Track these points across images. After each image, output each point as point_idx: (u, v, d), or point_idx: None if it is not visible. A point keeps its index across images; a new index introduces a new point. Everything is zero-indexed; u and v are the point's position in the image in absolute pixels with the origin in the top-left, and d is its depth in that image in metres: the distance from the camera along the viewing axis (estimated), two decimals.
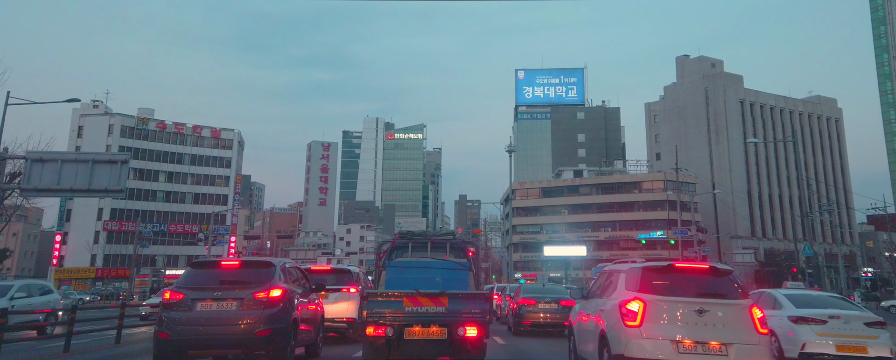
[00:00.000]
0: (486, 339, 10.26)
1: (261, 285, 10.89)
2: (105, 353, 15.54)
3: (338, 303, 16.43)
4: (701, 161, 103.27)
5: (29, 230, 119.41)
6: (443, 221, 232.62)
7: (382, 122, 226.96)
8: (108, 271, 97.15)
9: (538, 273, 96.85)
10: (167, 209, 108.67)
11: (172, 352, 10.53)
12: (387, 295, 10.14)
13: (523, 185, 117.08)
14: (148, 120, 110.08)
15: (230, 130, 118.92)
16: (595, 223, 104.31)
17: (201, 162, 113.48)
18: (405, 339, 9.90)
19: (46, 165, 25.24)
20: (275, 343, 10.63)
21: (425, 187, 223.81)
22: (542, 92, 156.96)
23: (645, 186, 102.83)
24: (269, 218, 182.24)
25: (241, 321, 10.47)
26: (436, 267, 10.98)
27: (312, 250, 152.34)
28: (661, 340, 8.62)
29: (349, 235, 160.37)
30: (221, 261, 12.09)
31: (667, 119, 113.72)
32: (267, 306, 10.66)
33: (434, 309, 9.94)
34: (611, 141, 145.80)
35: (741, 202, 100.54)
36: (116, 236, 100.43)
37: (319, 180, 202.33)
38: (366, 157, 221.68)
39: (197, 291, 10.76)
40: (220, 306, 10.58)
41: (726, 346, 8.53)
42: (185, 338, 10.34)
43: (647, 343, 8.64)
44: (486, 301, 10.24)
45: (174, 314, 10.52)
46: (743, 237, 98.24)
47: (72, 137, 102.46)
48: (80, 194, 27.46)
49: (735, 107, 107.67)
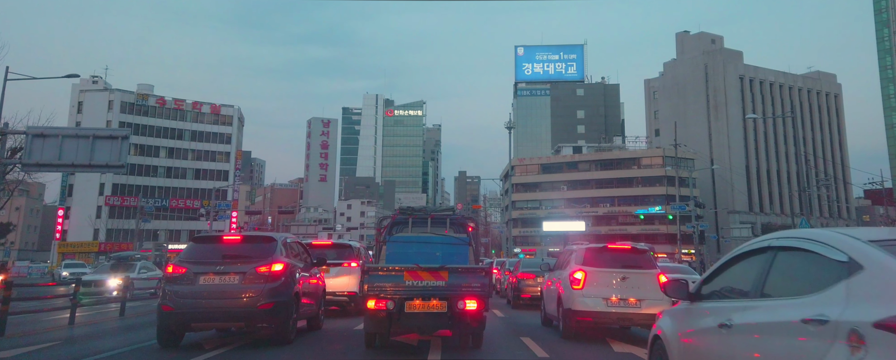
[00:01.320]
0: (486, 312, 10.41)
1: (263, 259, 11.09)
2: (110, 325, 15.79)
3: (339, 277, 16.79)
4: (700, 137, 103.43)
5: (31, 205, 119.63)
6: (443, 197, 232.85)
7: (382, 98, 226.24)
8: (110, 246, 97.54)
9: (537, 248, 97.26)
10: (168, 185, 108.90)
11: (176, 324, 10.81)
12: (387, 269, 10.21)
13: (523, 161, 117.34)
14: (147, 96, 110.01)
15: (230, 106, 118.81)
16: (594, 199, 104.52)
17: (201, 138, 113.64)
18: (406, 312, 9.96)
19: (47, 141, 25.14)
20: (277, 316, 10.86)
21: (425, 164, 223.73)
22: (541, 69, 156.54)
23: (644, 162, 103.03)
24: (270, 194, 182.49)
25: (244, 294, 10.69)
26: (436, 242, 10.97)
27: (313, 226, 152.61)
28: (597, 297, 12.50)
29: (350, 210, 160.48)
30: (223, 236, 12.25)
31: (666, 96, 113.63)
32: (269, 280, 10.87)
33: (434, 283, 10.04)
34: (610, 117, 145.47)
35: (739, 178, 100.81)
36: (118, 211, 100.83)
37: (320, 157, 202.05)
38: (366, 133, 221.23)
39: (199, 265, 10.96)
40: (222, 279, 10.79)
41: (640, 301, 12.41)
42: (189, 311, 10.57)
43: (588, 300, 12.53)
44: (485, 275, 10.35)
45: (177, 288, 10.74)
46: (740, 212, 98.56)
47: (72, 113, 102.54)
48: (82, 169, 27.57)
49: (734, 83, 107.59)
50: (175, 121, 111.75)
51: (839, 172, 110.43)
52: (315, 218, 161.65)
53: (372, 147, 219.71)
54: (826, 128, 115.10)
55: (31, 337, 12.91)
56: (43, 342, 11.92)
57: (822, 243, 4.28)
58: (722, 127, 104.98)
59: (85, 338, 12.94)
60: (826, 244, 4.23)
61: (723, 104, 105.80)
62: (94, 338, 12.93)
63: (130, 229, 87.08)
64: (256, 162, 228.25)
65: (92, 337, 13.07)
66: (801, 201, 76.57)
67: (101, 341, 12.39)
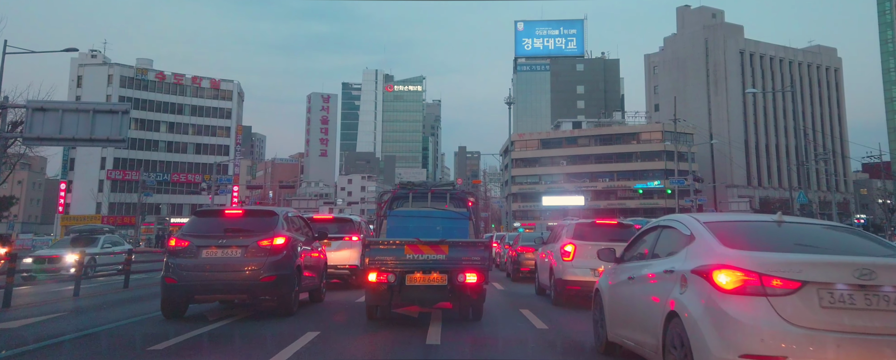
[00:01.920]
0: (486, 285, 10.55)
1: (264, 233, 11.22)
2: (114, 297, 15.90)
3: (340, 251, 16.95)
4: (699, 112, 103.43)
5: (33, 178, 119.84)
6: (443, 172, 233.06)
7: (382, 74, 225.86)
8: (113, 219, 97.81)
9: (537, 222, 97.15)
10: (169, 159, 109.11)
11: (179, 296, 11.03)
12: (388, 243, 10.31)
13: (522, 136, 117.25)
14: (147, 70, 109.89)
15: (229, 81, 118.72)
16: (593, 174, 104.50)
17: (202, 113, 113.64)
18: (407, 285, 10.12)
19: (48, 115, 25.38)
20: (279, 289, 11.06)
21: (425, 139, 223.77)
22: (541, 44, 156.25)
23: (643, 136, 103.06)
24: (270, 169, 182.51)
25: (246, 267, 10.86)
26: (436, 216, 11.13)
27: (314, 200, 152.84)
28: (585, 268, 13.33)
29: (350, 185, 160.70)
30: (225, 210, 12.29)
31: (666, 70, 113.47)
32: (271, 253, 11.02)
33: (434, 257, 10.15)
34: (610, 93, 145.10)
35: (738, 152, 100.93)
36: (120, 185, 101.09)
37: (320, 132, 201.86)
38: (365, 108, 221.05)
39: (202, 238, 11.10)
40: (224, 253, 10.96)
41: None
42: (192, 283, 10.78)
43: (577, 270, 13.48)
44: (485, 249, 10.43)
45: (180, 261, 10.88)
46: (739, 186, 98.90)
47: (72, 87, 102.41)
48: (83, 143, 27.77)
49: (735, 57, 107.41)
50: (175, 96, 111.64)
51: (838, 146, 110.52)
52: (316, 193, 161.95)
53: (372, 122, 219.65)
54: (825, 102, 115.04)
55: (34, 309, 13.13)
56: (48, 314, 12.13)
57: (682, 224, 6.57)
58: (721, 101, 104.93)
59: (90, 309, 13.13)
60: (683, 224, 6.53)
61: (723, 79, 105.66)
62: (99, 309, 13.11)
63: (133, 203, 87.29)
64: (257, 137, 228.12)
65: (97, 308, 13.26)
66: (798, 175, 76.75)
67: (107, 312, 12.58)
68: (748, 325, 4.95)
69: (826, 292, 4.94)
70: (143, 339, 9.06)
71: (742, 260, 5.29)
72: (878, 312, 4.88)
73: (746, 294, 5.09)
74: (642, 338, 6.57)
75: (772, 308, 4.95)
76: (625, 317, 7.21)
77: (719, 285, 5.24)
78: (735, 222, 6.61)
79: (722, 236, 5.83)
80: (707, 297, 5.31)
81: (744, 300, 5.08)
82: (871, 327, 4.83)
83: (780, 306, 4.94)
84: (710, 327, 5.18)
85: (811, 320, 4.86)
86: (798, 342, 4.82)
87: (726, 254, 5.46)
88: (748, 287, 5.10)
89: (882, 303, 4.90)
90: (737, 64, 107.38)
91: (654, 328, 6.14)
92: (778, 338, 4.85)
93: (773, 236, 5.95)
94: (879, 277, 4.95)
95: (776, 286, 5.02)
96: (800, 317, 4.88)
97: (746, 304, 5.05)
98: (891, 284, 4.93)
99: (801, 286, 4.97)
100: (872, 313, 4.88)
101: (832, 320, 4.86)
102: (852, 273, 4.97)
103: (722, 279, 5.25)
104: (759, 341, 4.86)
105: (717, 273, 5.30)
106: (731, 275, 5.22)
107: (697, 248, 5.91)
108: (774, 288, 5.01)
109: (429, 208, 11.43)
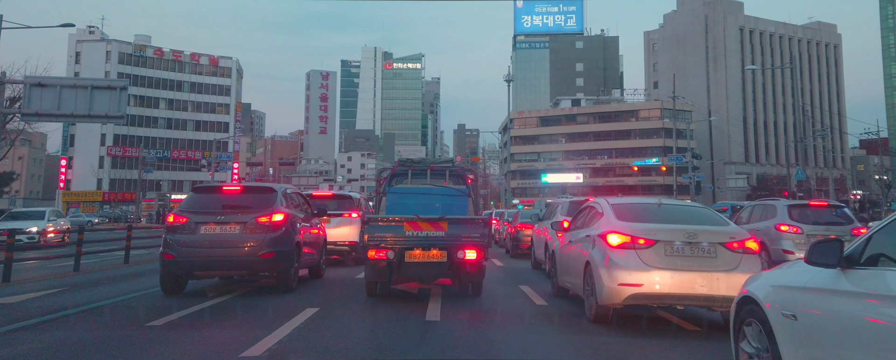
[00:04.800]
0: (485, 261, 10.58)
1: (263, 209, 11.22)
2: (114, 272, 15.81)
3: (340, 227, 16.96)
4: (698, 89, 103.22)
5: (34, 154, 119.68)
6: (442, 149, 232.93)
7: (380, 51, 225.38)
8: (114, 195, 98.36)
9: (535, 200, 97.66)
10: (169, 136, 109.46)
11: (178, 272, 11.09)
12: (387, 220, 10.31)
13: (521, 114, 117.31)
14: (145, 47, 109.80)
15: (228, 57, 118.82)
16: (592, 151, 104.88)
17: (201, 90, 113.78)
18: (406, 262, 10.13)
19: (46, 90, 25.44)
20: (278, 265, 11.09)
21: (424, 117, 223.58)
22: (540, 21, 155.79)
23: (642, 114, 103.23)
24: (270, 146, 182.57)
25: (245, 243, 10.88)
26: (435, 194, 11.17)
27: (314, 177, 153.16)
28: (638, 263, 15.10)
29: (350, 162, 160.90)
30: (224, 186, 12.35)
31: (666, 47, 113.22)
32: (269, 229, 11.02)
33: (434, 234, 10.15)
34: (609, 70, 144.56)
35: (736, 129, 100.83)
36: (120, 162, 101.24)
37: (319, 109, 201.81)
38: (365, 86, 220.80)
39: (200, 215, 11.08)
40: (223, 229, 10.95)
41: None
42: (190, 259, 10.80)
43: None
44: (484, 226, 10.45)
45: (178, 237, 10.91)
46: (736, 163, 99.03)
47: (70, 64, 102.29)
48: (81, 119, 27.80)
49: (734, 34, 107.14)
50: (174, 72, 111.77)
51: (836, 122, 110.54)
52: (316, 170, 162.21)
53: (371, 100, 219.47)
54: (824, 79, 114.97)
55: (33, 284, 13.15)
56: (49, 289, 12.18)
57: (598, 204, 9.68)
58: (721, 79, 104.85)
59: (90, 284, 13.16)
60: (599, 204, 9.62)
61: (722, 56, 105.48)
62: (98, 285, 13.14)
63: (133, 179, 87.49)
64: (257, 114, 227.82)
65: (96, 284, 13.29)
66: (796, 152, 76.92)
67: (107, 287, 12.61)
68: (624, 267, 7.91)
69: (669, 246, 7.91)
70: (143, 314, 9.09)
71: (624, 228, 8.29)
72: (697, 258, 7.90)
73: (624, 248, 8.05)
74: (574, 280, 9.64)
75: (638, 256, 7.92)
76: (566, 268, 10.45)
77: (610, 244, 8.22)
78: (629, 203, 9.48)
79: (618, 213, 8.86)
80: (604, 250, 8.26)
81: (623, 251, 8.04)
82: (691, 266, 7.82)
83: (643, 255, 7.92)
84: (604, 268, 8.09)
85: (658, 262, 7.84)
86: (650, 276, 7.79)
87: (617, 224, 8.48)
88: (625, 244, 8.08)
89: (700, 252, 7.91)
90: (736, 41, 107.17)
91: (579, 272, 9.20)
92: (639, 274, 7.82)
93: (650, 213, 8.92)
94: (699, 237, 7.96)
95: (641, 244, 7.99)
96: (652, 261, 7.85)
97: (624, 254, 8.01)
98: (706, 241, 7.94)
99: (654, 243, 7.94)
100: (694, 258, 7.89)
101: (671, 262, 7.84)
102: (684, 235, 7.96)
103: (613, 240, 8.23)
104: (629, 275, 7.85)
105: (609, 236, 8.30)
106: (618, 237, 8.19)
107: (603, 220, 8.88)
108: (640, 245, 7.98)
109: (428, 186, 11.44)
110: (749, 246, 8.09)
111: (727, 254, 7.94)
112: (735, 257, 7.94)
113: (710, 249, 7.93)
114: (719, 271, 7.79)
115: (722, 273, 7.77)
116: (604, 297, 8.04)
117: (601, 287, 8.07)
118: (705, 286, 7.70)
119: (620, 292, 7.87)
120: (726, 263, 7.88)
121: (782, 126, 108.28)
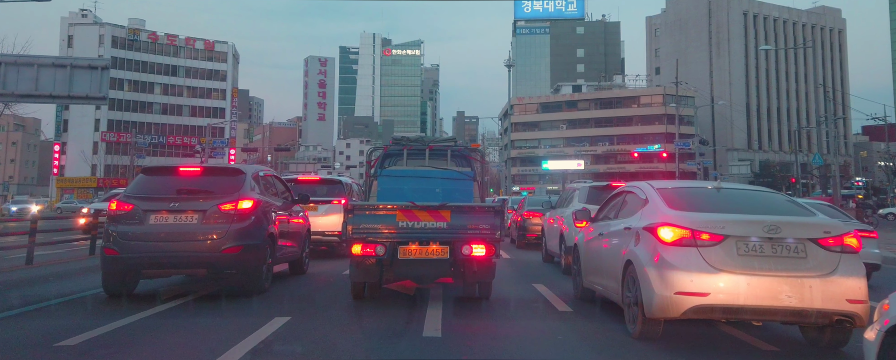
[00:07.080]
0: (495, 258, 8.74)
1: (228, 195, 9.40)
2: (72, 266, 14.01)
3: (328, 215, 15.34)
4: (701, 75, 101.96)
5: (28, 140, 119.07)
6: (441, 136, 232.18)
7: (379, 38, 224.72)
8: (108, 182, 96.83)
9: (536, 187, 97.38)
10: (164, 121, 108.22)
11: (123, 270, 9.17)
12: (376, 208, 8.62)
13: (522, 100, 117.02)
14: (139, 31, 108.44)
15: (224, 42, 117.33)
16: (593, 138, 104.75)
17: (196, 75, 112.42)
18: (400, 259, 8.42)
19: (22, 70, 23.89)
20: (245, 262, 9.28)
21: (423, 104, 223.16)
22: (541, 6, 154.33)
23: (643, 100, 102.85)
24: (268, 132, 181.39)
25: (204, 236, 9.07)
26: (435, 177, 9.45)
27: (312, 164, 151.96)
28: None
29: (348, 149, 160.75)
30: (180, 167, 10.27)
31: (668, 32, 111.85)
32: (235, 219, 9.20)
33: (434, 225, 8.42)
34: (610, 56, 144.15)
35: (739, 115, 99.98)
36: (115, 147, 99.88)
37: (317, 96, 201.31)
38: (364, 73, 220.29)
39: (149, 201, 9.26)
40: (177, 219, 9.12)
41: None
42: (137, 255, 8.96)
43: None
44: (496, 215, 8.62)
45: (123, 228, 9.05)
46: (739, 149, 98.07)
47: (62, 48, 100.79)
48: (61, 100, 26.27)
49: (738, 19, 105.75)
50: (168, 57, 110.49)
51: (839, 108, 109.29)
52: (314, 156, 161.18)
53: (370, 87, 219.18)
54: (828, 64, 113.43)
55: None
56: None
57: (639, 189, 7.83)
58: (723, 64, 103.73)
59: (34, 281, 11.48)
60: (640, 190, 7.79)
61: (725, 41, 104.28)
62: (44, 282, 11.45)
63: (127, 165, 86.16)
64: (255, 101, 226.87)
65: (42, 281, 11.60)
66: (798, 138, 75.85)
67: (51, 285, 10.89)
68: (683, 269, 6.15)
69: (743, 243, 6.16)
70: (59, 328, 7.12)
71: (680, 219, 6.52)
72: (781, 258, 6.12)
73: (682, 246, 6.30)
74: (607, 283, 7.89)
75: (701, 256, 6.17)
76: (595, 267, 8.62)
77: (663, 239, 6.46)
78: (680, 187, 7.91)
79: (668, 200, 7.06)
80: (653, 248, 6.54)
81: (680, 249, 6.29)
82: (774, 269, 6.08)
83: (707, 255, 6.16)
84: (655, 271, 6.35)
85: (730, 264, 6.09)
86: (719, 281, 6.06)
87: (669, 214, 6.71)
88: (683, 240, 6.31)
89: (784, 251, 6.13)
90: (740, 25, 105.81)
91: (615, 273, 7.43)
92: (704, 279, 6.07)
93: (709, 200, 7.20)
94: (783, 231, 6.17)
95: (704, 239, 6.23)
96: (721, 263, 6.11)
97: (682, 253, 6.26)
98: (792, 236, 6.16)
99: (723, 239, 6.18)
100: (776, 259, 6.12)
101: (746, 264, 6.09)
102: (763, 229, 6.18)
103: (665, 234, 6.47)
104: (690, 280, 6.09)
105: (661, 229, 6.54)
106: (672, 231, 6.43)
107: (649, 210, 7.12)
108: (703, 241, 6.23)
109: (427, 168, 9.72)
110: (848, 243, 6.24)
111: (821, 253, 6.14)
112: (831, 257, 6.13)
113: (797, 246, 6.13)
114: (811, 275, 6.02)
115: (815, 279, 6.00)
116: (655, 308, 6.26)
117: (650, 295, 6.28)
118: (794, 296, 5.95)
119: (678, 304, 6.11)
120: (820, 264, 6.09)
121: (785, 112, 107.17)
